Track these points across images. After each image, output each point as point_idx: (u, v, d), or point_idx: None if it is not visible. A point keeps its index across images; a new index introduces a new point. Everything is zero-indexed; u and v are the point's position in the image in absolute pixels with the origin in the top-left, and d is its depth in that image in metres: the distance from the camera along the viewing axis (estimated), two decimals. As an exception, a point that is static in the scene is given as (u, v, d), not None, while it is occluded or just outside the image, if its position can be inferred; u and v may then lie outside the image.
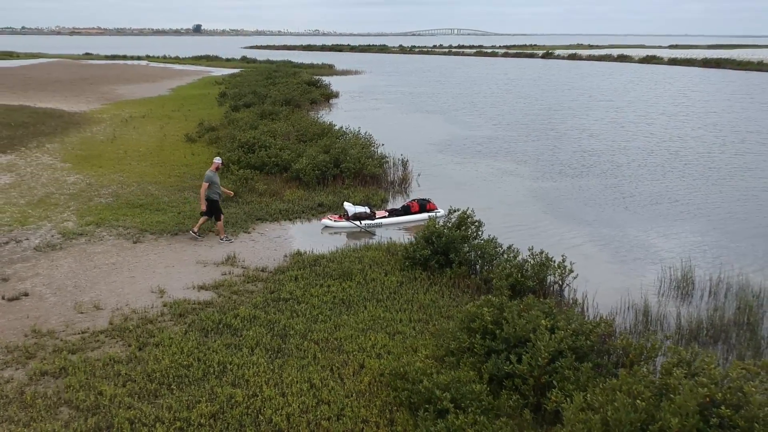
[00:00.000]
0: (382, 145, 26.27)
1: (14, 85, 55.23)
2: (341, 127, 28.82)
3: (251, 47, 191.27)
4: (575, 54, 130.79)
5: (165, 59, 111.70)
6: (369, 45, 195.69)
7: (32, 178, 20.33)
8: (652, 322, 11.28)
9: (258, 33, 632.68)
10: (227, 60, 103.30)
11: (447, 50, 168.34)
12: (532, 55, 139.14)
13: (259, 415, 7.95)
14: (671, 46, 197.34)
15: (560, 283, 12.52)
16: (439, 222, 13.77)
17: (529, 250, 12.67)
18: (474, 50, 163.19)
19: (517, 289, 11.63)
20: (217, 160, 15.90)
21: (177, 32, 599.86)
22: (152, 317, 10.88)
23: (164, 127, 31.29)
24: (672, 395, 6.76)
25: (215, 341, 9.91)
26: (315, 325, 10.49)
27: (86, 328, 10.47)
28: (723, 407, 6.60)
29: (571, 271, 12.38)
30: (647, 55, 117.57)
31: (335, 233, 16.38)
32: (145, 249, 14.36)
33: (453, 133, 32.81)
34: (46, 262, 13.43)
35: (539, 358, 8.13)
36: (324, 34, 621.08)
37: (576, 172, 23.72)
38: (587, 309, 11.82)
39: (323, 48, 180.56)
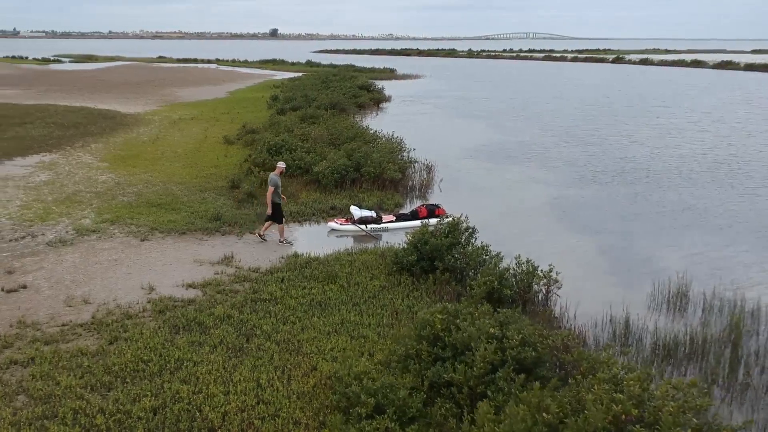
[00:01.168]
0: (413, 149, 26.30)
1: (84, 87, 57.84)
2: (376, 131, 29.06)
3: (320, 51, 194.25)
4: (647, 59, 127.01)
5: (234, 62, 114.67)
6: (437, 49, 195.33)
7: (67, 177, 21.31)
8: (633, 337, 10.97)
9: (332, 37, 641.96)
10: (292, 64, 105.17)
11: (514, 54, 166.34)
12: (601, 60, 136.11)
13: (198, 412, 8.17)
14: (753, 51, 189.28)
15: (545, 292, 12.31)
16: (429, 228, 13.70)
17: (515, 258, 12.50)
18: (543, 55, 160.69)
19: (494, 297, 11.50)
20: (281, 164, 16.34)
21: (254, 36, 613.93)
22: (133, 313, 11.29)
23: (208, 129, 32.18)
24: (585, 411, 6.61)
25: (182, 338, 10.21)
26: (283, 327, 10.66)
27: (69, 321, 10.95)
28: (638, 426, 6.43)
29: (557, 281, 12.15)
30: (722, 61, 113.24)
31: (341, 236, 16.54)
32: (150, 247, 14.87)
33: (492, 138, 32.51)
34: (53, 256, 14.08)
35: (475, 368, 8.06)
36: (397, 39, 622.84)
37: (607, 179, 23.17)
38: (568, 320, 11.60)
39: (391, 52, 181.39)
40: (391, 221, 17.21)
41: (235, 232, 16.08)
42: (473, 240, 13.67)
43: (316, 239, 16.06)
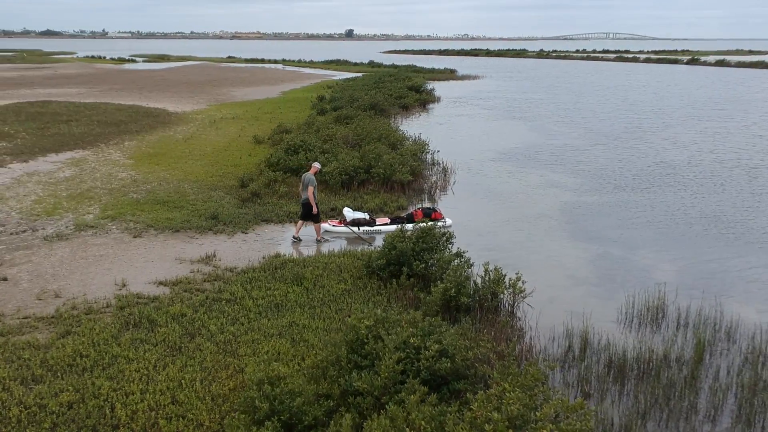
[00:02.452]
0: (437, 151, 26.12)
1: (145, 86, 59.83)
2: (403, 133, 28.95)
3: (389, 52, 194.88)
4: (723, 60, 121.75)
5: (299, 63, 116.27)
6: (507, 50, 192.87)
7: (89, 173, 22.05)
8: (590, 351, 10.48)
9: (407, 38, 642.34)
10: (355, 64, 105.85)
11: (585, 55, 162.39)
12: (675, 61, 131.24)
13: (109, 409, 8.27)
14: None
15: (511, 301, 11.95)
16: (407, 232, 13.48)
17: (483, 265, 12.18)
18: (614, 56, 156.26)
19: (451, 305, 11.24)
20: (317, 164, 16.66)
21: (330, 37, 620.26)
22: (96, 308, 11.54)
23: (245, 128, 32.69)
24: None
25: (127, 335, 10.37)
26: (230, 327, 10.69)
27: (32, 313, 11.30)
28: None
29: (522, 290, 11.79)
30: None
31: (335, 238, 16.49)
32: (140, 244, 15.20)
33: (527, 140, 31.82)
34: (45, 250, 14.58)
35: (380, 377, 7.88)
36: (473, 39, 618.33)
37: (632, 185, 22.31)
38: (530, 331, 11.19)
39: (459, 53, 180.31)
40: (385, 224, 17.04)
41: (227, 231, 16.25)
42: (449, 246, 13.40)
43: (305, 240, 16.04)
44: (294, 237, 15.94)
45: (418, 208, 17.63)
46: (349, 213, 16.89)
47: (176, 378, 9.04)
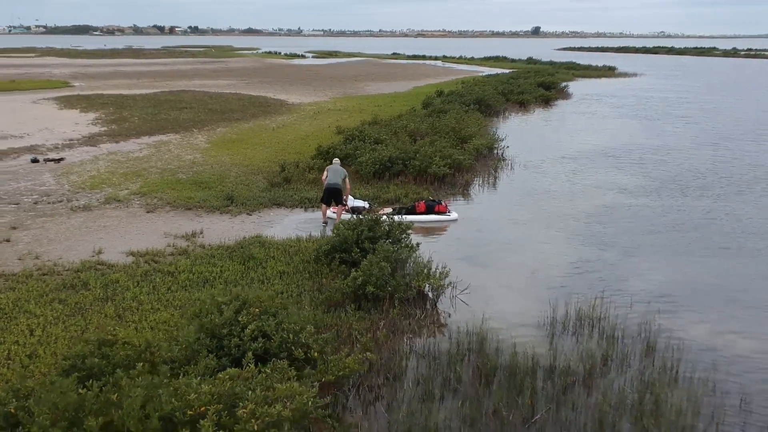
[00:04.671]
0: (507, 147, 25.42)
1: (289, 80, 63.10)
2: (480, 128, 28.31)
3: (563, 49, 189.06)
4: None
5: (459, 60, 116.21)
6: (692, 47, 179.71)
7: (160, 154, 23.90)
8: (473, 352, 9.86)
9: (598, 35, 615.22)
10: (512, 61, 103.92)
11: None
12: None
13: (-26, 354, 9.16)
14: None
15: (434, 298, 11.54)
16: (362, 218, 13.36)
17: (412, 259, 11.86)
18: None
19: (359, 294, 11.08)
20: (337, 160, 17.75)
21: (515, 34, 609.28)
22: (56, 270, 12.63)
23: (341, 119, 33.46)
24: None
25: (54, 295, 11.29)
26: (143, 296, 11.28)
27: (1, 272, 12.64)
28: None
29: (441, 286, 11.37)
30: None
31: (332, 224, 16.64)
32: (147, 218, 16.34)
33: (625, 140, 29.79)
34: (63, 219, 16.13)
35: (179, 348, 8.07)
36: (669, 36, 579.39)
37: (702, 190, 20.24)
38: (434, 327, 10.75)
39: (638, 50, 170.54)
40: (386, 214, 16.89)
41: (234, 212, 16.96)
42: (405, 238, 13.09)
43: (302, 224, 16.25)
44: (324, 222, 16.46)
45: (422, 200, 17.30)
46: (349, 201, 16.98)
47: (54, 334, 9.78)
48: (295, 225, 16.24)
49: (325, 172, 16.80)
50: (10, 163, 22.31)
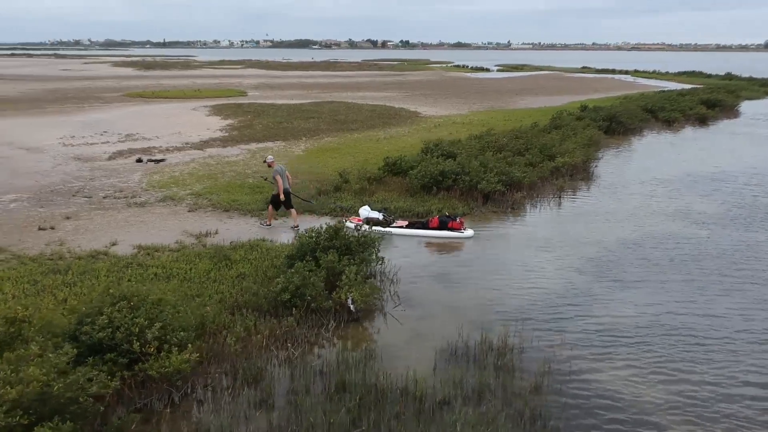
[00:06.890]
0: (596, 166, 24.10)
1: (450, 92, 63.66)
2: (576, 147, 26.90)
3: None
4: None
5: (651, 74, 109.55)
6: None
7: (247, 160, 25.54)
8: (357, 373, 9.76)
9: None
10: (707, 76, 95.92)
11: None
12: None
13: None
14: None
15: (352, 309, 11.49)
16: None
17: (346, 270, 11.90)
18: None
19: (277, 301, 11.39)
20: (270, 157, 18.21)
21: (744, 48, 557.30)
22: (66, 257, 14.28)
23: (455, 132, 33.39)
24: None
25: (34, 277, 12.78)
26: (104, 283, 12.42)
27: (22, 251, 14.49)
28: None
29: (354, 301, 11.34)
30: None
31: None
32: (183, 216, 17.73)
33: (752, 165, 26.65)
34: (112, 212, 18.00)
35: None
36: None
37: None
38: (346, 340, 10.75)
39: None
40: (400, 227, 16.87)
41: (264, 216, 17.81)
42: (374, 250, 13.17)
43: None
44: (295, 226, 16.86)
45: (437, 216, 17.00)
46: (364, 212, 17.17)
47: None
48: (305, 231, 16.69)
49: (280, 177, 16.83)
50: (119, 161, 25.15)
